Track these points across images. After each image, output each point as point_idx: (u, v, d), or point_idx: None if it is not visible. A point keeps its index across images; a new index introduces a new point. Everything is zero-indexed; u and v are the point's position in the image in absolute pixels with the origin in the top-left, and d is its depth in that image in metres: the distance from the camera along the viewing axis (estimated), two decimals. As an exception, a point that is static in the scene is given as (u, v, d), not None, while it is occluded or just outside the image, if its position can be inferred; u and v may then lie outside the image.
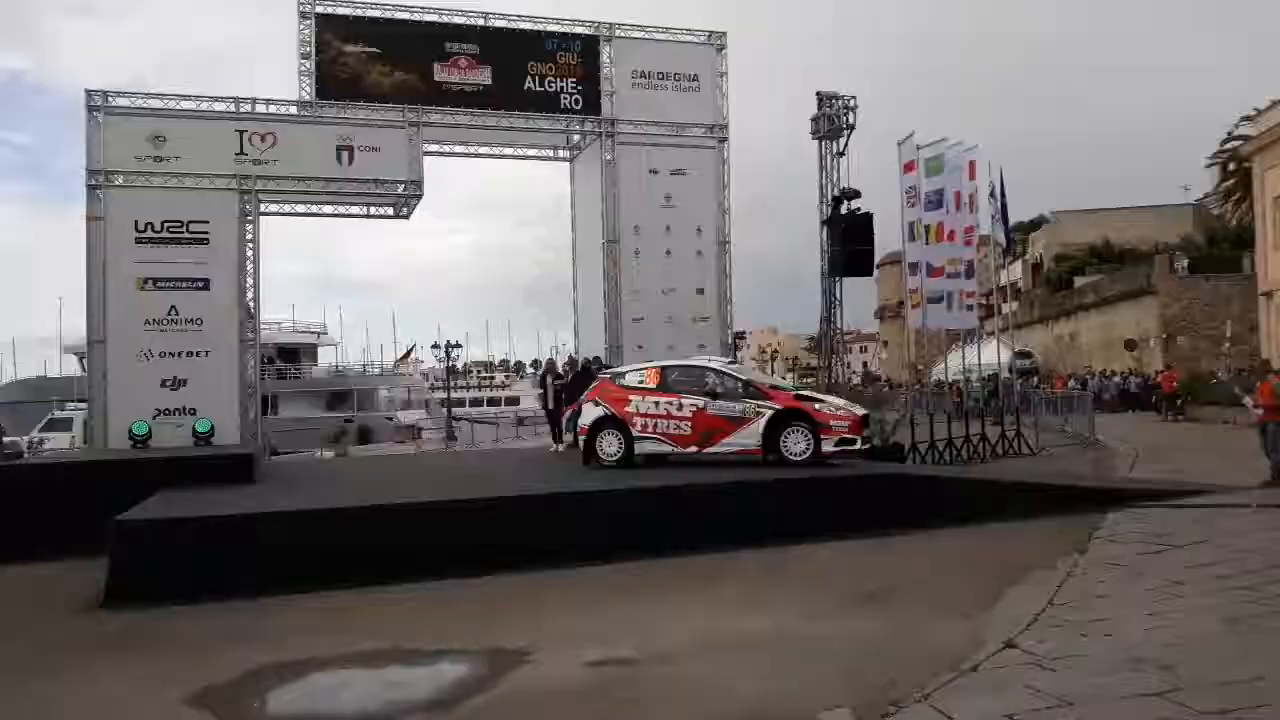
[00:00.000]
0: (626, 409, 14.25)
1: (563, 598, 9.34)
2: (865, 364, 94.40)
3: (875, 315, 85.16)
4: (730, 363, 16.14)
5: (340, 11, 17.90)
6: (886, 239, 23.29)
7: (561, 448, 18.55)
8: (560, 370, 19.26)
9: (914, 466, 17.72)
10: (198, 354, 16.85)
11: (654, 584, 9.69)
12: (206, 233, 17.03)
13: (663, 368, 14.84)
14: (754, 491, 12.05)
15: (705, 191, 19.42)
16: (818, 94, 18.57)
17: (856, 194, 18.07)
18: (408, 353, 75.26)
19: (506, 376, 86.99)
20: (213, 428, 16.46)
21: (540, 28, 18.94)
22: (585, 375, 18.29)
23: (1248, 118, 39.42)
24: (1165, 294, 41.32)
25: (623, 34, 19.22)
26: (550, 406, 18.89)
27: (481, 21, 18.63)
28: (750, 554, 10.72)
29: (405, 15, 18.22)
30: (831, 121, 18.35)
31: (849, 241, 17.69)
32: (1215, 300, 40.11)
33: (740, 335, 50.27)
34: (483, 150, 20.61)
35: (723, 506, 11.61)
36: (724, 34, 19.66)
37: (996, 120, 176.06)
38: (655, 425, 14.12)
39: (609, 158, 18.95)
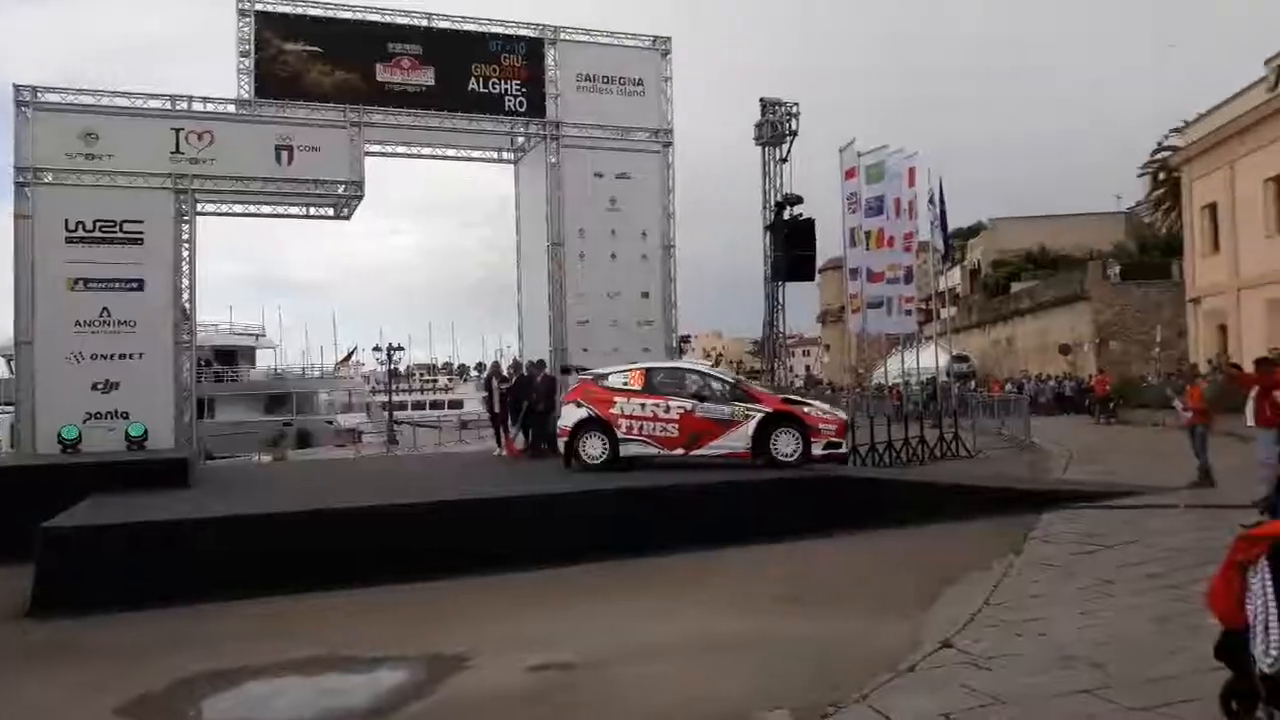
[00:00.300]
0: (611, 410, 14.18)
1: (504, 603, 9.29)
2: (808, 367, 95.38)
3: (818, 319, 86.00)
4: (714, 366, 16.28)
5: (280, 9, 17.58)
6: (829, 244, 23.61)
7: (503, 452, 18.45)
8: (505, 373, 19.16)
9: (854, 469, 17.90)
10: (131, 356, 16.43)
11: (595, 588, 9.68)
12: (141, 232, 16.61)
13: (647, 369, 14.91)
14: (693, 495, 12.08)
15: (650, 195, 19.43)
16: (761, 100, 18.72)
17: (799, 200, 18.25)
18: (348, 355, 74.36)
19: (450, 379, 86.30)
20: (146, 432, 16.06)
21: (484, 29, 18.79)
22: (530, 379, 18.27)
23: (1177, 130, 40.62)
24: (1098, 300, 42.36)
25: (567, 37, 19.17)
26: (495, 410, 18.77)
27: (425, 22, 18.43)
28: (690, 557, 10.76)
29: (347, 15, 17.96)
30: (775, 128, 18.51)
31: (791, 247, 17.86)
32: (1146, 306, 41.22)
33: (685, 339, 50.50)
34: (426, 151, 20.41)
35: (660, 510, 11.63)
36: (668, 39, 19.72)
37: (937, 128, 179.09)
38: (641, 427, 14.08)
39: (553, 160, 18.89)
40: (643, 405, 14.14)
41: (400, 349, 49.96)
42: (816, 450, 13.72)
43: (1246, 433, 13.09)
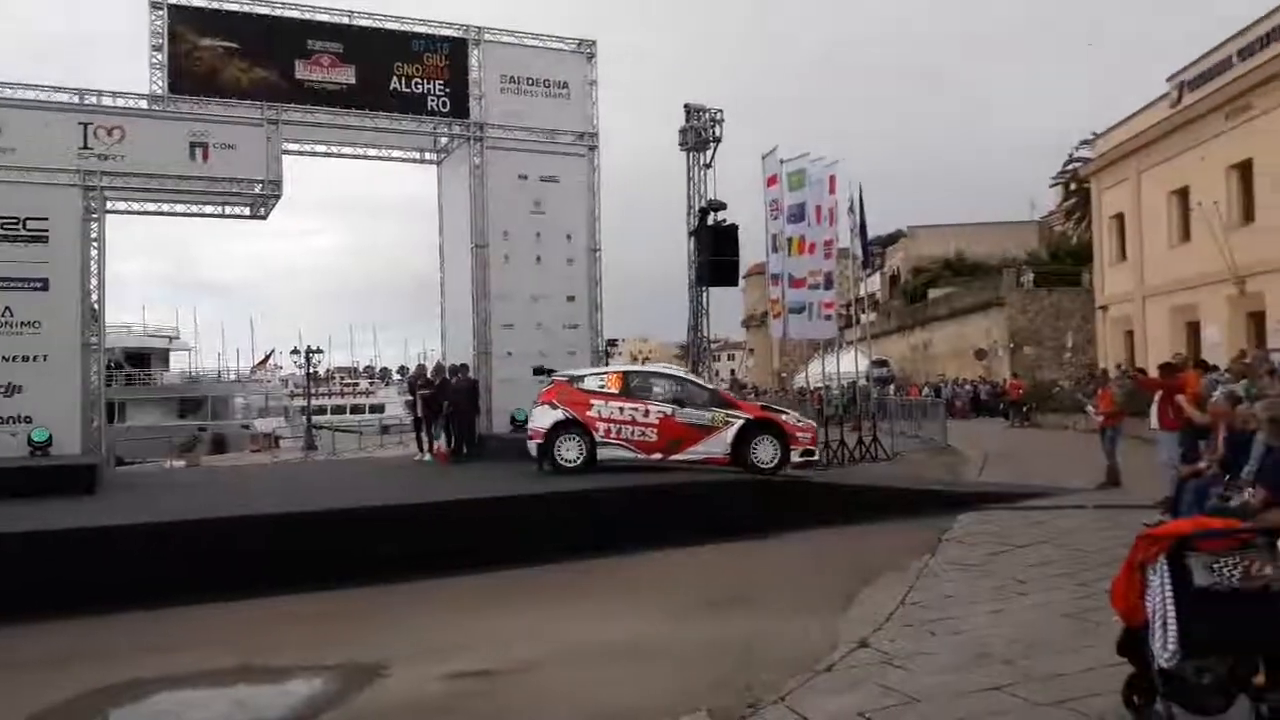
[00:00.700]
0: (589, 413, 14.08)
1: (427, 610, 9.17)
2: (733, 371, 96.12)
3: (743, 324, 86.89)
4: (690, 372, 16.34)
5: (195, 3, 17.14)
6: (755, 249, 23.83)
7: (424, 457, 18.23)
8: (429, 377, 18.93)
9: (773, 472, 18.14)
10: (34, 358, 15.80)
11: (515, 594, 9.61)
12: (46, 230, 16.00)
13: (625, 373, 14.98)
14: (614, 499, 12.07)
15: (576, 198, 19.39)
16: (685, 106, 18.81)
17: (722, 206, 18.39)
18: (266, 358, 72.60)
19: (371, 383, 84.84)
20: (50, 437, 15.47)
21: (407, 29, 18.56)
22: (451, 383, 18.07)
23: (1087, 141, 41.98)
24: (1012, 306, 43.53)
25: (491, 38, 19.03)
26: (419, 415, 18.54)
27: (346, 20, 18.12)
28: (612, 561, 10.76)
29: (265, 10, 17.57)
30: (699, 134, 18.62)
31: (715, 252, 17.99)
32: (1058, 312, 42.49)
33: (612, 343, 50.49)
34: (346, 151, 20.06)
35: (583, 515, 11.59)
36: (594, 42, 19.71)
37: (858, 137, 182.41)
38: (620, 431, 14.04)
39: (477, 162, 18.73)
40: (621, 409, 14.09)
41: (319, 352, 49.05)
42: (795, 457, 13.98)
43: (1152, 435, 13.57)
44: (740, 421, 14.03)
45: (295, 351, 49.34)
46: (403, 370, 78.14)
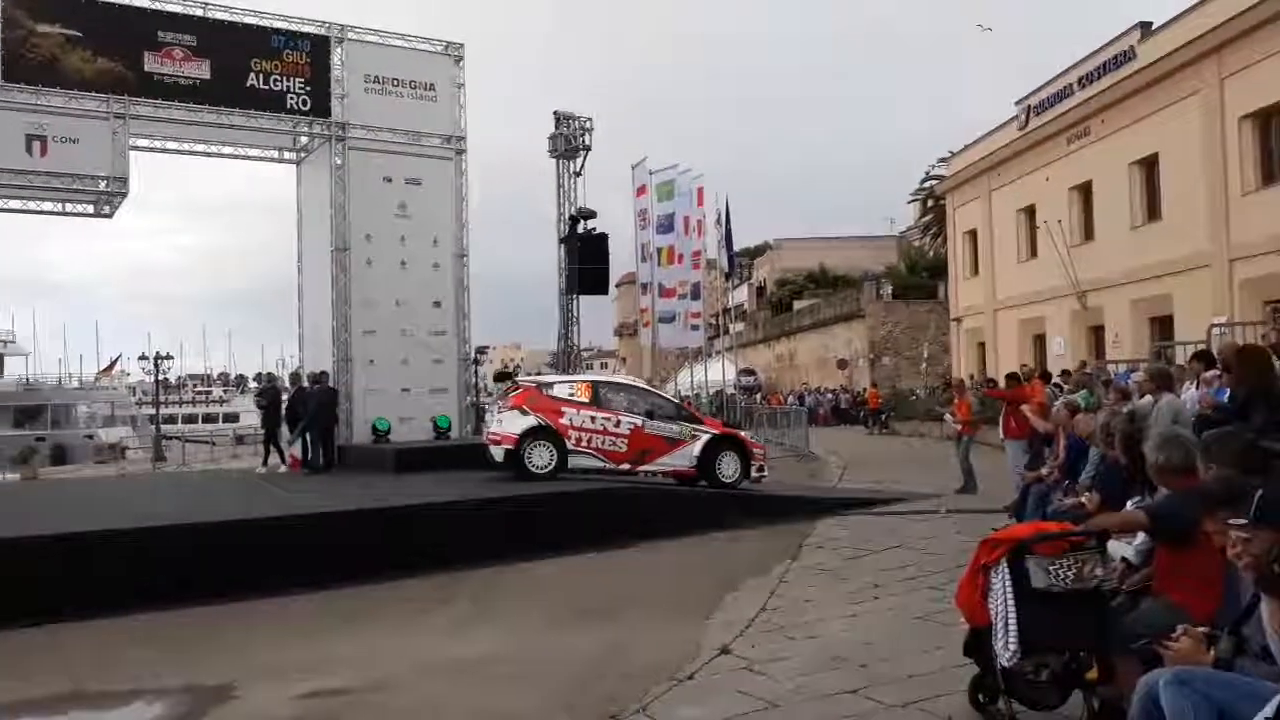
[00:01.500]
0: (561, 421, 13.92)
1: (273, 628, 8.74)
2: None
3: (615, 332, 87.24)
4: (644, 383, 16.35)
5: (32, -15, 16.10)
6: (627, 259, 23.93)
7: (265, 470, 17.45)
8: (267, 386, 18.19)
9: (642, 480, 18.16)
10: None
11: (372, 610, 9.26)
12: None
13: (594, 383, 15.00)
14: (477, 511, 11.82)
15: (442, 202, 19.03)
16: (555, 114, 18.71)
17: (592, 214, 18.36)
18: (112, 364, 68.74)
19: (225, 391, 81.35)
20: None
21: (266, 23, 17.87)
22: (309, 391, 17.46)
23: (943, 159, 43.82)
24: (872, 317, 45.04)
25: (355, 36, 18.52)
26: (265, 426, 17.78)
27: (199, 12, 17.31)
28: (474, 573, 10.51)
29: (111, -3, 16.65)
30: (569, 141, 18.55)
31: (585, 260, 17.95)
32: (915, 324, 44.19)
33: (482, 350, 49.80)
34: (200, 148, 19.19)
35: (446, 527, 11.29)
36: (461, 45, 19.41)
37: (729, 151, 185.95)
38: (591, 440, 13.98)
39: (339, 162, 18.17)
40: (593, 418, 14.05)
41: (170, 358, 46.65)
42: (754, 472, 14.46)
43: (1004, 443, 14.17)
44: (706, 436, 14.36)
45: (144, 357, 46.84)
46: (259, 378, 75.35)
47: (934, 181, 47.48)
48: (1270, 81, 19.76)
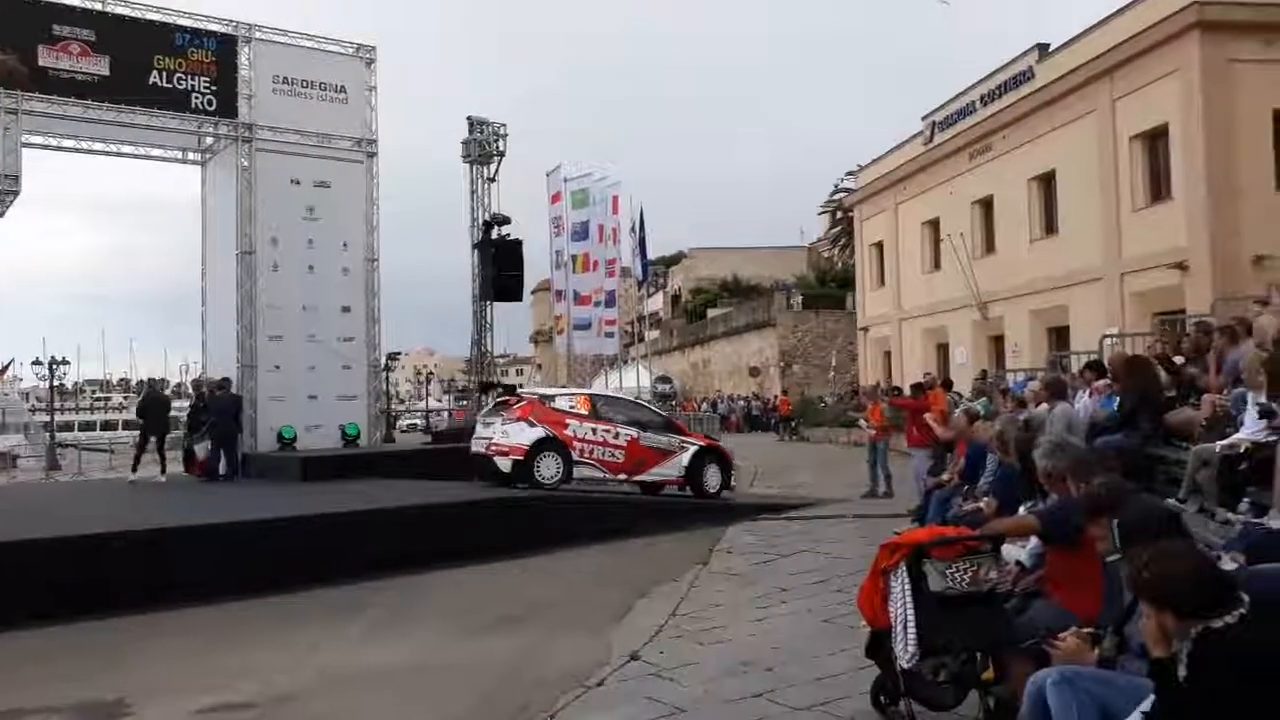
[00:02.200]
0: (566, 432, 14.06)
1: (169, 643, 8.44)
2: (520, 386, 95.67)
3: (531, 339, 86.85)
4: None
5: (-86, -27, 15.37)
6: (543, 265, 23.85)
7: (136, 478, 16.64)
8: (148, 393, 17.56)
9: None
10: None
11: (281, 620, 9.06)
12: None
13: (591, 395, 15.59)
14: (386, 520, 11.60)
15: (353, 206, 18.70)
16: (469, 119, 18.57)
17: (506, 220, 18.27)
18: (3, 369, 65.78)
19: (125, 397, 78.52)
20: None
21: (169, 20, 17.33)
22: (209, 399, 16.98)
23: (851, 173, 44.79)
24: (783, 326, 45.80)
25: (263, 36, 18.10)
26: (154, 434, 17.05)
27: (98, 5, 16.72)
28: (388, 582, 10.34)
29: (1, -13, 15.98)
30: (482, 147, 18.42)
31: (499, 267, 17.82)
32: (824, 333, 45.08)
33: (394, 356, 49.09)
34: (99, 147, 18.49)
35: (355, 537, 11.07)
36: (373, 48, 19.14)
37: (644, 160, 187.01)
38: (592, 451, 14.22)
39: (245, 164, 17.73)
40: (594, 430, 14.31)
41: (66, 363, 44.80)
42: (732, 483, 15.30)
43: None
44: (694, 448, 14.97)
45: (38, 362, 44.92)
46: (140, 384, 72.99)
47: (843, 194, 48.49)
48: (1157, 105, 20.75)
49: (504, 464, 13.85)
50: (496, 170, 18.66)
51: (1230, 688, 2.76)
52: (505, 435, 13.97)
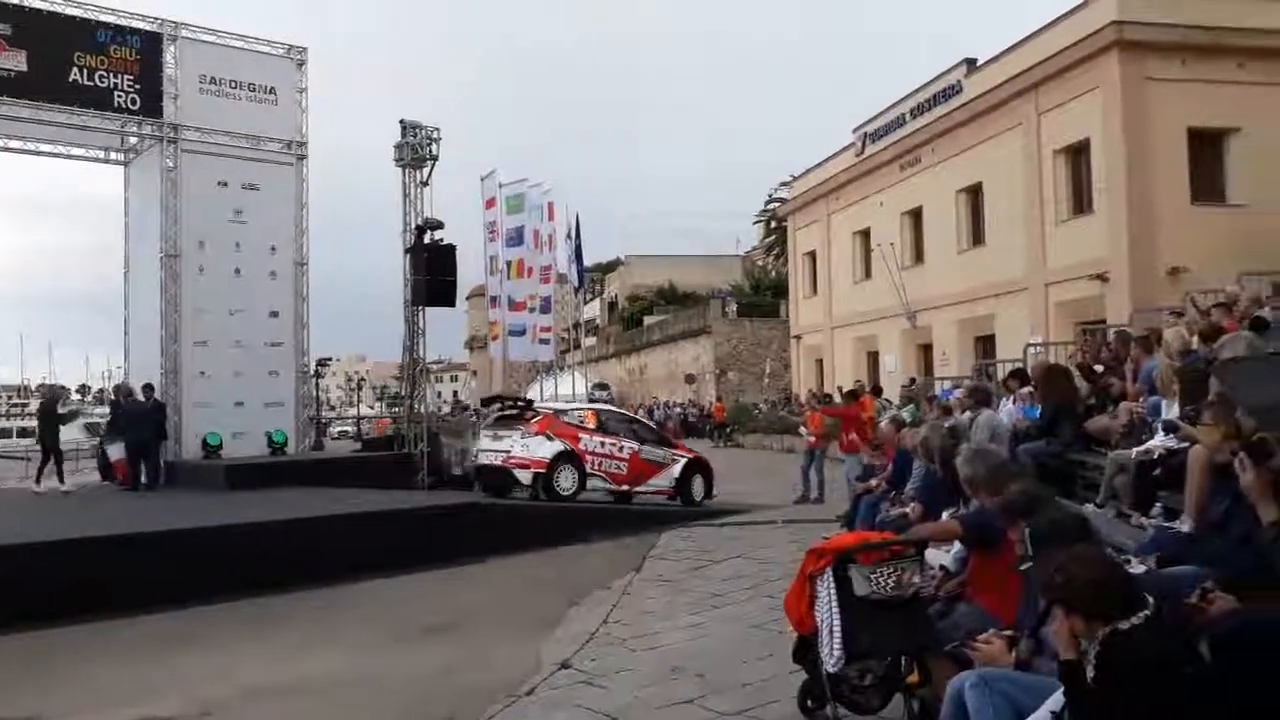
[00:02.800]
0: (579, 446, 14.71)
1: (91, 656, 8.21)
2: (455, 393, 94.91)
3: (465, 345, 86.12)
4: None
5: None
6: (477, 271, 23.65)
7: (42, 488, 16.12)
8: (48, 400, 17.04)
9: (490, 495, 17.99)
10: None
11: (205, 633, 8.83)
12: None
13: (597, 410, 16.38)
14: (313, 529, 11.39)
15: (282, 209, 18.36)
16: (401, 122, 18.34)
17: (439, 225, 18.03)
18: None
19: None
20: None
21: (91, 16, 16.82)
22: (127, 405, 16.52)
23: (785, 183, 45.33)
24: (718, 334, 46.13)
25: (190, 35, 17.69)
26: (46, 442, 16.51)
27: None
28: (315, 593, 10.17)
29: (-89, -22, 15.39)
30: (415, 150, 18.20)
31: (432, 272, 17.58)
32: (759, 341, 45.49)
33: (324, 362, 48.21)
34: (15, 145, 17.89)
35: (281, 546, 10.81)
36: (304, 49, 18.83)
37: (580, 166, 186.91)
38: (601, 464, 14.92)
39: (170, 164, 17.30)
40: (603, 443, 15.05)
41: (-20, 368, 43.25)
42: (714, 493, 16.03)
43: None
44: (684, 459, 15.91)
45: (-52, 367, 43.19)
46: (83, 390, 70.80)
47: (777, 204, 49.02)
48: (1079, 120, 21.38)
49: (524, 476, 14.43)
50: (430, 174, 18.45)
51: (1134, 688, 2.85)
52: (525, 449, 14.47)
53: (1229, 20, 20.40)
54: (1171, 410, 7.02)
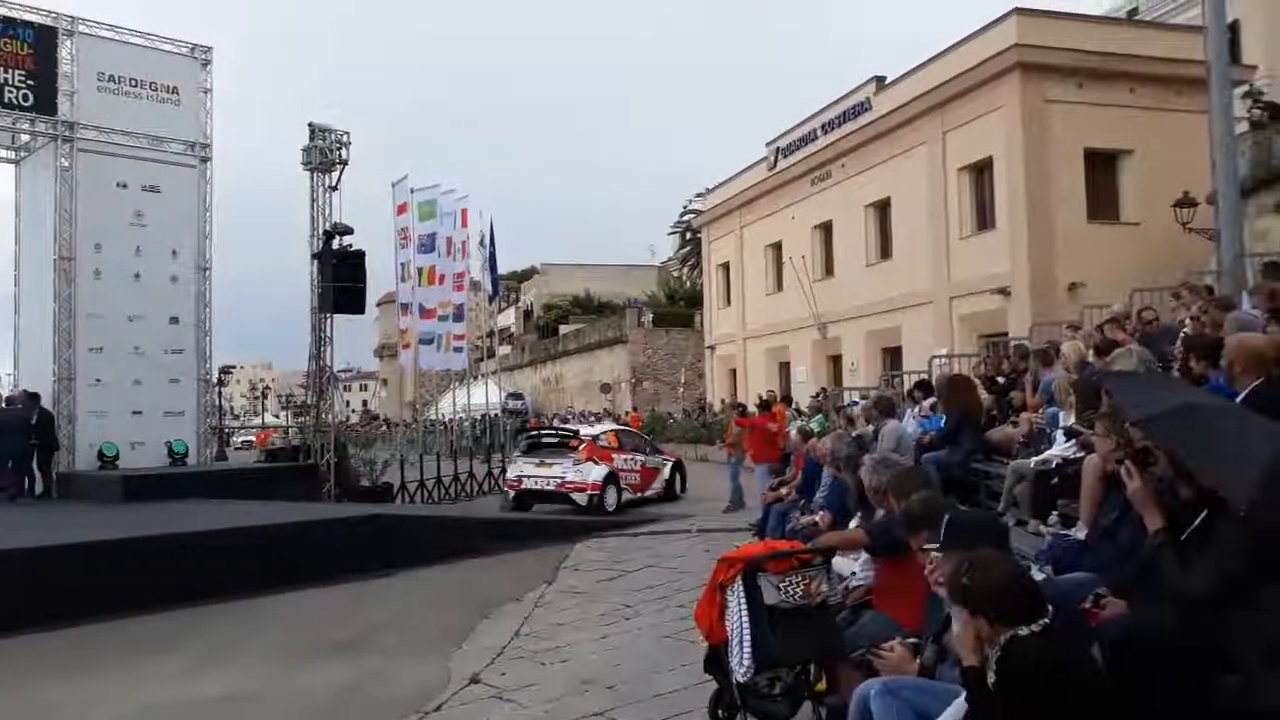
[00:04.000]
0: (615, 465, 17.03)
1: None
2: (365, 402, 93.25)
3: (375, 354, 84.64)
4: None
5: None
6: (389, 277, 23.30)
7: None
8: None
9: (400, 506, 17.71)
10: None
11: (98, 652, 8.44)
12: None
13: (617, 431, 19.11)
14: (213, 543, 10.98)
15: (184, 212, 17.78)
16: (310, 125, 17.96)
17: (349, 230, 17.69)
18: None
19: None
20: None
21: (-18, 7, 16.11)
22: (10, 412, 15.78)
23: (700, 195, 45.74)
24: (634, 343, 46.27)
25: (87, 30, 17.03)
26: None
27: (-105, -14, 15.39)
28: (216, 609, 9.82)
29: None
30: (324, 154, 17.84)
31: (340, 278, 17.23)
32: (674, 350, 45.77)
33: (227, 370, 46.92)
34: (-106, 140, 17.03)
35: (179, 561, 10.40)
36: (210, 49, 18.30)
37: (496, 174, 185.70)
38: (627, 477, 17.34)
39: (66, 164, 16.60)
40: (625, 460, 17.58)
41: None
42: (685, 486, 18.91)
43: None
44: (671, 462, 19.05)
45: None
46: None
47: (692, 215, 49.43)
48: (981, 139, 22.07)
49: (580, 498, 16.45)
50: (339, 179, 18.10)
51: (1034, 693, 2.92)
52: (580, 474, 16.63)
53: (1122, 47, 21.35)
54: (1069, 421, 7.25)
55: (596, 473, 16.50)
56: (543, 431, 19.55)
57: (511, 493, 17.30)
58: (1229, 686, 3.21)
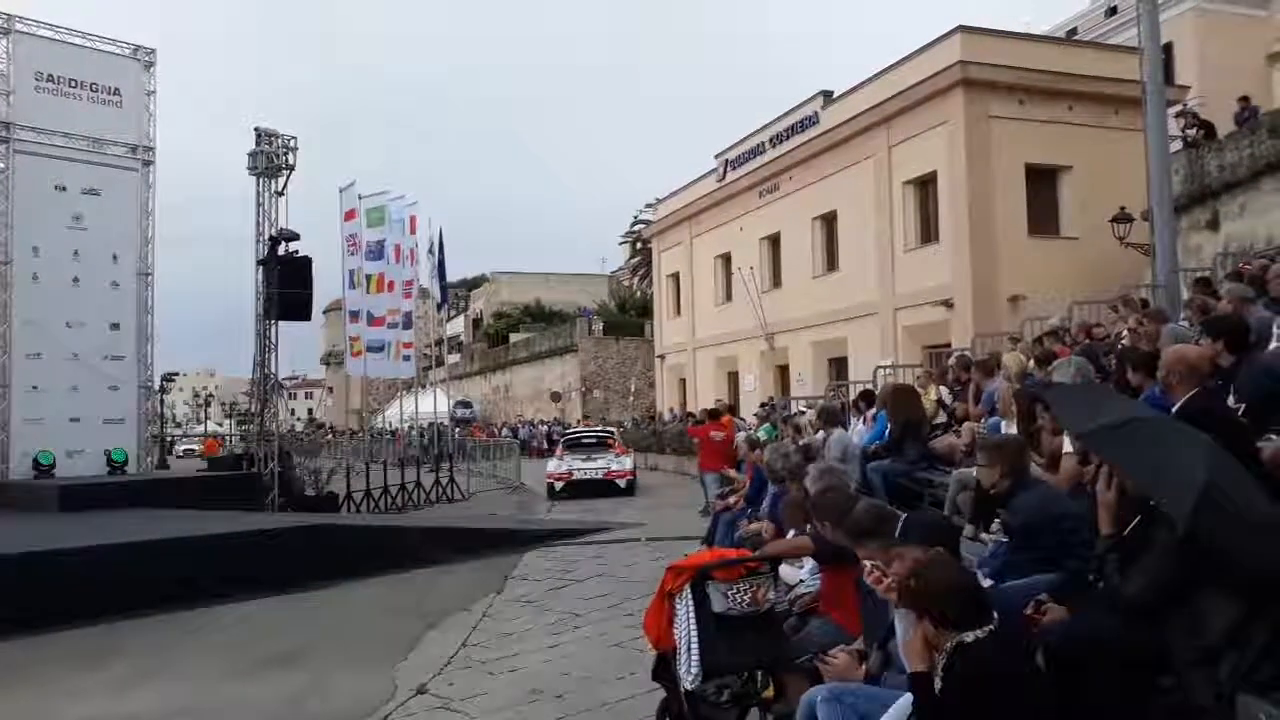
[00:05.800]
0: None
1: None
2: (310, 410, 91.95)
3: (322, 361, 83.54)
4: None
5: None
6: (335, 285, 23.02)
7: None
8: None
9: (344, 515, 17.49)
10: None
11: (22, 668, 8.19)
12: None
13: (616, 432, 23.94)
14: (151, 553, 10.71)
15: (125, 216, 17.47)
16: (256, 130, 17.73)
17: (295, 236, 17.46)
18: None
19: None
20: None
21: (-86, 4, 15.73)
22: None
23: (650, 205, 45.89)
24: (585, 352, 46.24)
25: (26, 29, 16.68)
26: None
27: None
28: (148, 621, 9.60)
29: None
30: (270, 159, 17.62)
31: (285, 284, 17.00)
32: (624, 359, 45.83)
33: (170, 377, 45.98)
34: None
35: (116, 572, 10.10)
36: (153, 50, 18.03)
37: (449, 182, 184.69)
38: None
39: (2, 166, 16.25)
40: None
41: None
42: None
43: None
44: (630, 454, 23.29)
45: None
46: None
47: (642, 225, 49.57)
48: (926, 153, 22.45)
49: (621, 482, 21.03)
50: (285, 184, 17.87)
51: (979, 699, 2.98)
52: (620, 464, 21.59)
53: (1061, 65, 21.87)
54: (1010, 430, 7.40)
55: (628, 463, 21.80)
56: (581, 433, 24.97)
57: (560, 484, 20.95)
58: (1163, 686, 3.30)
